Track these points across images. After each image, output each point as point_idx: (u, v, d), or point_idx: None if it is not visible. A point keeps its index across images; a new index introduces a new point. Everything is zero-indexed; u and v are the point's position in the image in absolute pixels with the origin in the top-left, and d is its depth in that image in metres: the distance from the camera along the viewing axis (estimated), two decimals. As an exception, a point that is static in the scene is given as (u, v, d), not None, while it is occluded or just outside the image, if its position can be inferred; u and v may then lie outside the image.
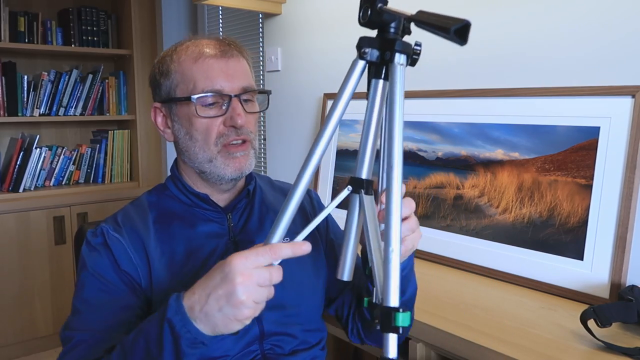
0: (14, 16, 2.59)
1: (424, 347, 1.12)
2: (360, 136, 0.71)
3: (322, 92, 2.03)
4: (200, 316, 0.67)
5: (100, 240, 0.90)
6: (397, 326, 0.60)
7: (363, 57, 0.68)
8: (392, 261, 0.61)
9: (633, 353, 0.94)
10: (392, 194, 0.62)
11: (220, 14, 3.02)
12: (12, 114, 2.61)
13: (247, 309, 0.66)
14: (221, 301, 0.66)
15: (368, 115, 0.69)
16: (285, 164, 2.26)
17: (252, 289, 0.66)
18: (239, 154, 0.90)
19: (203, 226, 0.93)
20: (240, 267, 0.66)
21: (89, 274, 0.88)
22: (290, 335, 0.94)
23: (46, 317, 2.56)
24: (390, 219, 0.62)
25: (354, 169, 0.72)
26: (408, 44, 0.66)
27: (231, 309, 0.66)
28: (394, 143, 0.64)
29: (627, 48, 1.23)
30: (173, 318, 0.68)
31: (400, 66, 0.65)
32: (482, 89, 1.47)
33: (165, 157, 3.05)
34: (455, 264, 1.45)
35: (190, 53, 0.91)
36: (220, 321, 0.67)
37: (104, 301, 0.86)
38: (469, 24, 0.56)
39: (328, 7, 1.99)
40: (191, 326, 0.68)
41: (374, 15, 0.65)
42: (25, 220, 2.50)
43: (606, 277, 1.17)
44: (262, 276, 0.66)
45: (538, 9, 1.39)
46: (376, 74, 0.69)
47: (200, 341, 0.68)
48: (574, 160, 1.26)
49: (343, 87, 0.69)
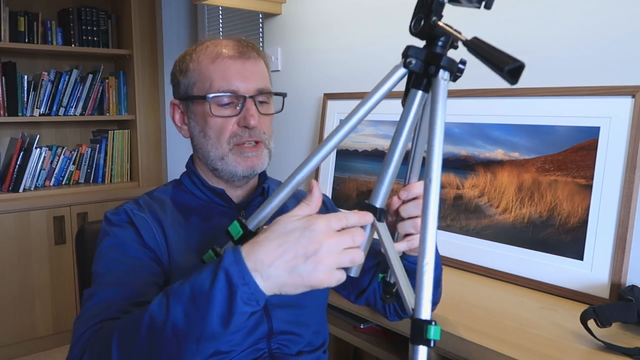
0: (14, 16, 2.59)
1: (424, 347, 1.12)
2: (386, 155, 0.71)
3: (322, 92, 2.03)
4: (268, 271, 0.62)
5: (125, 219, 0.90)
6: (428, 339, 0.60)
7: (407, 66, 0.68)
8: (425, 274, 0.60)
9: (633, 353, 0.94)
10: (428, 208, 0.62)
11: (220, 14, 3.02)
12: (12, 114, 2.61)
13: (325, 272, 0.62)
14: (299, 259, 0.62)
15: (402, 122, 0.70)
16: (285, 164, 2.26)
17: (335, 253, 0.63)
18: (251, 154, 0.92)
19: (218, 219, 0.95)
20: (324, 227, 0.63)
21: (113, 246, 0.87)
22: (298, 335, 0.95)
23: (46, 317, 2.56)
24: (426, 234, 0.61)
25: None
26: (454, 61, 0.66)
27: (308, 270, 0.62)
28: (434, 156, 0.63)
29: (627, 48, 1.23)
30: (230, 268, 0.62)
31: (444, 81, 0.65)
32: (482, 89, 1.47)
33: (165, 157, 3.05)
34: (455, 264, 1.45)
35: (208, 53, 0.93)
36: (290, 279, 0.62)
37: (131, 266, 0.84)
38: (523, 66, 0.56)
39: (328, 7, 1.99)
40: (250, 279, 0.62)
41: (426, 27, 0.65)
42: (25, 220, 2.50)
43: (606, 277, 1.17)
44: (346, 238, 0.63)
45: (538, 9, 1.39)
46: (416, 84, 0.69)
47: (256, 299, 0.62)
48: (574, 160, 1.26)
49: (377, 88, 0.69)
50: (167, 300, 0.65)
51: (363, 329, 1.35)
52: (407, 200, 0.83)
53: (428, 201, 0.62)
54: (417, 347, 0.60)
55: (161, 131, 3.02)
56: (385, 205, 0.73)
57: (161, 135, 3.02)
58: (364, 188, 1.76)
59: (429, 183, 0.63)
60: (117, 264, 0.85)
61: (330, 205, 1.13)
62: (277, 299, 0.91)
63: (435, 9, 0.64)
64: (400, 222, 0.84)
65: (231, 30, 2.92)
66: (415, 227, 0.82)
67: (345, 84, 1.96)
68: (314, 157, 0.70)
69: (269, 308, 0.92)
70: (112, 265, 0.85)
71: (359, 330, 1.36)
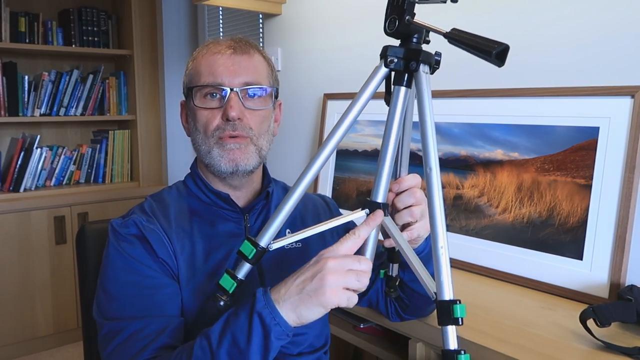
0: (15, 16, 2.60)
1: (424, 347, 1.12)
2: (380, 151, 0.74)
3: (322, 92, 2.03)
4: (283, 298, 0.70)
5: (135, 232, 0.89)
6: (456, 317, 0.63)
7: (388, 65, 0.71)
8: (442, 257, 0.65)
9: (632, 353, 0.94)
10: (433, 195, 0.66)
11: (220, 14, 3.03)
12: (12, 114, 2.61)
13: (331, 289, 0.69)
14: (307, 281, 0.70)
15: (390, 119, 0.72)
16: (285, 164, 2.26)
17: (339, 271, 0.69)
18: (232, 146, 0.90)
19: (221, 225, 0.94)
20: (329, 252, 0.71)
21: (124, 264, 0.86)
22: (300, 335, 0.95)
23: (46, 317, 2.57)
24: (436, 221, 0.66)
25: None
26: (431, 54, 0.70)
27: (314, 289, 0.69)
28: (429, 145, 0.67)
29: (627, 48, 1.24)
30: (262, 311, 0.70)
31: (426, 74, 0.69)
32: (482, 89, 1.47)
33: (165, 157, 3.06)
34: (455, 264, 1.45)
35: (205, 50, 0.94)
36: (302, 303, 0.70)
37: (147, 288, 0.85)
38: (508, 48, 0.60)
39: (328, 7, 2.00)
40: (280, 319, 0.70)
41: (402, 26, 0.69)
42: (26, 220, 2.50)
43: (605, 277, 1.17)
44: (350, 260, 0.71)
45: (538, 9, 1.39)
46: (399, 81, 0.72)
47: (286, 333, 0.71)
48: (574, 160, 1.26)
49: (362, 91, 0.73)
50: (212, 351, 0.72)
51: (363, 328, 1.35)
52: (399, 192, 0.85)
53: (432, 189, 0.66)
54: (446, 327, 0.63)
55: (162, 131, 3.02)
56: None
57: (162, 135, 3.02)
58: (364, 188, 1.76)
59: (429, 172, 0.67)
60: (134, 287, 0.85)
61: (334, 208, 1.13)
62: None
63: (407, 8, 0.68)
64: (396, 213, 0.85)
65: (231, 31, 2.92)
66: (412, 215, 0.84)
67: (345, 84, 1.96)
68: (314, 163, 0.74)
69: None
70: (129, 289, 0.84)
71: (359, 330, 1.36)
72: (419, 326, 1.10)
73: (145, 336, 0.80)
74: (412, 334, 1.12)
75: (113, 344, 0.81)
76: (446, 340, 0.63)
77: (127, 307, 0.83)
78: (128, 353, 0.79)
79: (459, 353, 0.63)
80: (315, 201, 1.10)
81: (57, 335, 2.61)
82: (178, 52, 3.19)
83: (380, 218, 0.73)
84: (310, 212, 1.06)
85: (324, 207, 1.10)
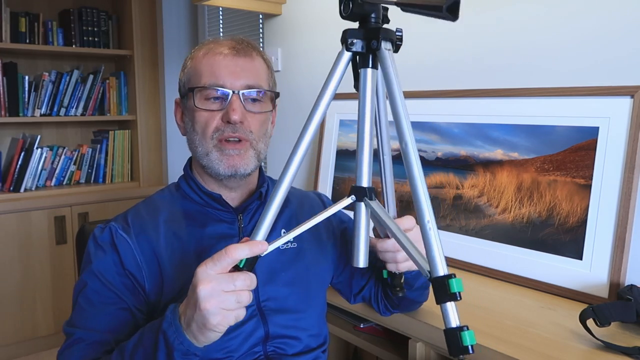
0: (15, 17, 2.60)
1: (424, 347, 1.12)
2: (357, 137, 0.72)
3: (322, 92, 2.03)
4: (187, 328, 0.70)
5: (107, 239, 0.90)
6: (453, 292, 0.60)
7: (350, 49, 0.70)
8: (430, 231, 0.62)
9: (632, 352, 0.94)
10: (413, 169, 0.64)
11: (220, 14, 3.03)
12: (13, 114, 2.61)
13: (213, 315, 0.66)
14: (192, 310, 0.68)
15: (361, 105, 0.71)
16: (285, 164, 2.26)
17: (216, 296, 0.66)
18: (233, 152, 0.90)
19: (213, 227, 0.93)
20: (201, 275, 0.67)
21: (92, 273, 0.88)
22: (295, 338, 0.95)
23: (47, 317, 2.57)
24: (419, 195, 0.63)
25: (354, 176, 0.74)
26: (391, 30, 0.69)
27: (200, 318, 0.67)
28: (402, 121, 0.66)
29: (627, 48, 1.24)
30: (167, 330, 0.71)
31: (388, 51, 0.68)
32: (482, 89, 1.47)
33: (165, 157, 3.06)
34: (455, 264, 1.45)
35: (204, 50, 0.93)
36: (197, 330, 0.68)
37: (105, 302, 0.86)
38: (459, 1, 0.58)
39: (328, 7, 2.00)
40: (184, 338, 0.70)
41: (355, 7, 0.68)
42: (26, 220, 2.50)
43: (605, 277, 1.17)
44: (223, 281, 0.66)
45: (538, 9, 1.40)
46: (364, 63, 0.71)
47: (193, 352, 0.71)
48: (573, 160, 1.26)
49: (328, 80, 0.72)
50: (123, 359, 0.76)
51: (363, 328, 1.35)
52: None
53: (410, 162, 0.64)
54: (444, 305, 0.60)
55: (162, 131, 3.02)
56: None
57: (162, 135, 3.02)
58: (364, 188, 1.76)
59: (405, 147, 0.65)
60: (96, 294, 0.87)
61: (328, 204, 1.12)
62: (274, 304, 0.92)
63: None
64: (380, 254, 0.90)
65: (231, 31, 2.92)
66: (393, 246, 0.87)
67: (345, 84, 1.95)
68: (292, 159, 0.72)
69: (266, 313, 0.92)
70: (92, 296, 0.87)
71: (359, 329, 1.36)
72: (419, 326, 1.10)
73: (90, 348, 0.84)
74: (412, 333, 1.12)
75: (66, 343, 0.86)
76: (447, 318, 0.60)
77: (84, 316, 0.86)
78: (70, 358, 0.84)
79: (462, 330, 0.60)
80: (312, 199, 1.10)
81: (58, 335, 2.61)
82: (178, 52, 3.19)
83: (258, 250, 0.68)
84: (306, 211, 1.05)
85: (319, 204, 1.10)
